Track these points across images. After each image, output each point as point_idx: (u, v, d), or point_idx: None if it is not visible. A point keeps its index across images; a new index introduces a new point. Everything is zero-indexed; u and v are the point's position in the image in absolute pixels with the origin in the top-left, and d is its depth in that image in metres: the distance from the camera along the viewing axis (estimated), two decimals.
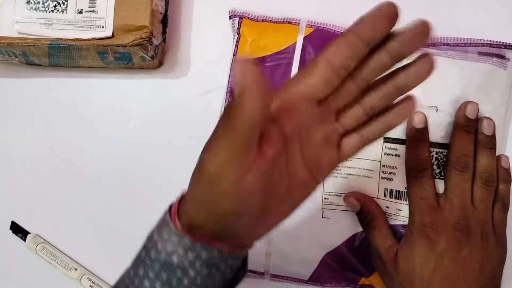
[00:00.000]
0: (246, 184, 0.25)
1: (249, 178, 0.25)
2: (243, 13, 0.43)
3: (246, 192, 0.26)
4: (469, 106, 0.38)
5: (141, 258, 0.30)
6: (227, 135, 0.25)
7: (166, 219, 0.29)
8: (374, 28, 0.27)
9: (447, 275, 0.35)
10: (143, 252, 0.30)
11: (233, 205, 0.26)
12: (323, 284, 0.42)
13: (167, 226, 0.29)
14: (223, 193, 0.26)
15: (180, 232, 0.28)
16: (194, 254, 0.28)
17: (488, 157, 0.37)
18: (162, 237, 0.28)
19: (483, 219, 0.37)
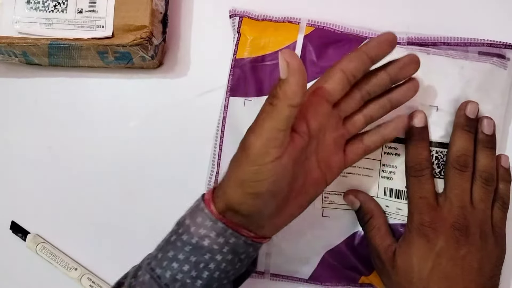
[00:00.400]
0: (281, 165, 0.30)
1: (284, 160, 0.30)
2: (244, 12, 0.43)
3: (281, 173, 0.30)
4: (469, 106, 0.38)
5: (170, 241, 0.33)
6: (271, 117, 0.30)
7: (200, 206, 0.33)
8: (379, 49, 0.34)
9: (446, 274, 0.35)
10: (174, 236, 0.33)
11: (269, 185, 0.30)
12: (323, 283, 0.42)
13: (201, 211, 0.32)
14: (264, 172, 0.30)
15: (214, 216, 0.32)
16: (224, 239, 0.32)
17: (488, 156, 0.38)
18: (195, 222, 0.32)
19: (482, 218, 0.37)
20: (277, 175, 0.30)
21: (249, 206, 0.31)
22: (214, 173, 0.42)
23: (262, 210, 0.32)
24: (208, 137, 0.44)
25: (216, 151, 0.42)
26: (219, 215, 0.32)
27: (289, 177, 0.31)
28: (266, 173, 0.30)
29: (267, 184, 0.30)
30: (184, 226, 0.33)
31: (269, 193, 0.31)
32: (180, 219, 0.34)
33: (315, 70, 0.41)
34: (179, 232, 0.33)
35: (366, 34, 0.42)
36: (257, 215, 0.32)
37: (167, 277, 0.32)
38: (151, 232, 0.45)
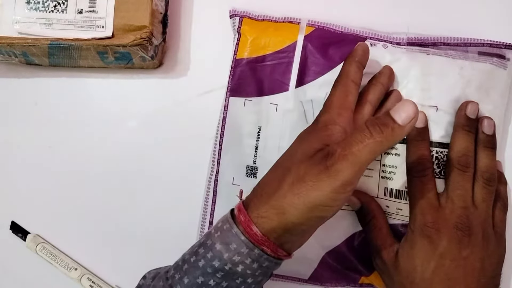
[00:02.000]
0: (348, 194, 0.31)
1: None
2: (244, 12, 0.43)
3: (343, 201, 0.31)
4: (470, 106, 0.38)
5: (198, 266, 0.32)
6: (373, 151, 0.30)
7: (233, 230, 0.31)
8: (362, 55, 0.37)
9: (448, 275, 0.35)
10: (202, 261, 0.32)
11: (335, 211, 0.31)
12: (323, 283, 0.42)
13: (235, 237, 0.31)
14: (341, 199, 0.31)
15: (252, 242, 0.31)
16: (258, 263, 0.31)
17: (488, 156, 0.38)
18: (228, 248, 0.31)
19: (484, 218, 0.37)
20: (341, 202, 0.31)
21: (309, 227, 0.32)
22: (214, 173, 0.42)
23: (314, 231, 0.33)
24: (208, 137, 0.44)
25: (216, 151, 0.42)
26: (262, 237, 0.31)
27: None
28: (342, 200, 0.31)
29: (336, 210, 0.31)
30: (214, 251, 0.31)
31: (326, 218, 0.32)
32: (207, 240, 0.32)
33: (315, 70, 0.41)
34: (208, 258, 0.31)
35: (366, 34, 0.42)
36: (307, 235, 0.33)
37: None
38: (151, 232, 0.45)
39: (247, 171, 0.41)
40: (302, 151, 0.32)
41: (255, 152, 0.41)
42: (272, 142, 0.41)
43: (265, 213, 0.31)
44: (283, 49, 0.41)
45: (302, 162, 0.31)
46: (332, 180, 0.30)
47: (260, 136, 0.41)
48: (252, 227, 0.31)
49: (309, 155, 0.31)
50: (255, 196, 0.32)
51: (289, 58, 0.41)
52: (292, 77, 0.41)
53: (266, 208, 0.31)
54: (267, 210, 0.31)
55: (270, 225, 0.31)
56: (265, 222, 0.31)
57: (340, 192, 0.30)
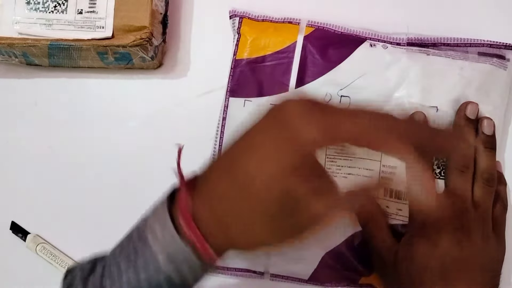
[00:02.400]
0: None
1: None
2: (244, 12, 0.43)
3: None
4: (469, 106, 0.38)
5: (140, 280, 0.28)
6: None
7: (193, 260, 0.27)
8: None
9: (448, 276, 0.35)
10: (142, 274, 0.28)
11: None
12: (323, 283, 0.42)
13: (183, 251, 0.27)
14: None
15: (206, 264, 0.28)
16: (193, 269, 0.28)
17: (488, 157, 0.38)
18: (175, 261, 0.28)
19: (484, 219, 0.37)
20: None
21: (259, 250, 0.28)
22: None
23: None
24: (208, 137, 0.44)
25: (216, 152, 0.42)
26: (214, 256, 0.27)
27: None
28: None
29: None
30: (168, 278, 0.28)
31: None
32: (144, 247, 0.28)
33: (315, 71, 0.41)
34: (150, 271, 0.28)
35: (366, 35, 0.42)
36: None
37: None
38: None
39: None
40: (269, 175, 0.25)
41: None
42: None
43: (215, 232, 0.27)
44: (283, 50, 0.41)
45: (264, 200, 0.25)
46: (295, 239, 0.27)
47: None
48: (209, 251, 0.27)
49: (274, 193, 0.25)
50: (206, 210, 0.27)
51: (289, 59, 0.41)
52: (292, 77, 0.41)
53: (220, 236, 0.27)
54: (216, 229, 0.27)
55: (218, 247, 0.28)
56: (215, 244, 0.27)
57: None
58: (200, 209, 0.27)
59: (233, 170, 0.26)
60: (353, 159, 0.40)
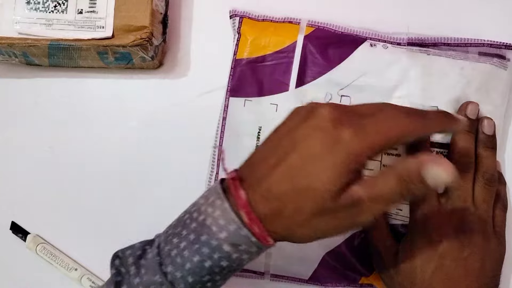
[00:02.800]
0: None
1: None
2: (244, 12, 0.43)
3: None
4: (470, 106, 0.38)
5: (204, 266, 0.31)
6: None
7: (243, 232, 0.30)
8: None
9: (449, 275, 0.35)
10: (207, 262, 0.31)
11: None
12: (323, 283, 0.42)
13: (245, 239, 0.30)
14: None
15: (263, 245, 0.30)
16: (251, 256, 0.31)
17: (489, 157, 0.38)
18: (238, 249, 0.30)
19: (484, 219, 0.37)
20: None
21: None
22: (214, 173, 0.42)
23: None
24: (208, 137, 0.44)
25: (216, 152, 0.42)
26: (267, 237, 0.30)
27: None
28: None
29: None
30: (222, 252, 0.30)
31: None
32: (211, 239, 0.30)
33: (315, 70, 0.41)
34: (215, 258, 0.31)
35: (366, 35, 0.42)
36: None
37: (178, 278, 0.31)
38: (151, 233, 0.45)
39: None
40: (324, 170, 0.29)
41: None
42: None
43: (272, 225, 0.30)
44: (283, 49, 0.41)
45: (324, 197, 0.28)
46: (351, 227, 0.30)
47: (260, 136, 0.41)
48: (264, 234, 0.30)
49: (332, 188, 0.28)
50: (257, 192, 0.30)
51: (289, 58, 0.41)
52: (292, 77, 0.41)
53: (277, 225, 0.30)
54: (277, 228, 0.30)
55: (274, 235, 0.30)
56: (272, 233, 0.30)
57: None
58: (259, 206, 0.30)
59: (293, 175, 0.29)
60: None
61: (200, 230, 0.31)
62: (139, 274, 0.32)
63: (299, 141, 0.30)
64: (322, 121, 0.30)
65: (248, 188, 0.30)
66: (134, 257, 0.34)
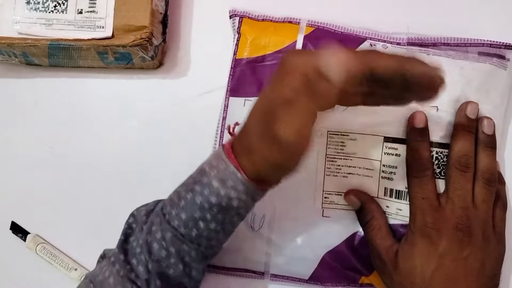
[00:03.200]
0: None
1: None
2: (244, 12, 0.43)
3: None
4: (470, 106, 0.38)
5: (195, 202, 0.34)
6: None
7: (229, 169, 0.33)
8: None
9: (448, 275, 0.35)
10: (199, 197, 0.34)
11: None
12: (323, 283, 0.42)
13: (232, 175, 0.33)
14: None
15: (247, 181, 0.32)
16: (250, 196, 0.33)
17: (489, 156, 0.38)
18: (225, 185, 0.33)
19: (484, 219, 0.37)
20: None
21: (282, 179, 0.34)
22: None
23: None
24: (208, 137, 0.44)
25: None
26: (251, 180, 0.33)
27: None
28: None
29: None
30: (212, 188, 0.33)
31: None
32: (203, 177, 0.34)
33: None
34: (205, 194, 0.33)
35: (366, 35, 0.42)
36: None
37: (193, 236, 0.34)
38: None
39: None
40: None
41: None
42: None
43: (244, 161, 0.33)
44: (283, 49, 0.41)
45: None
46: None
47: None
48: (242, 171, 0.33)
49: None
50: (240, 144, 0.34)
51: None
52: None
53: (244, 153, 0.33)
54: (245, 158, 0.33)
55: (252, 175, 0.33)
56: (248, 171, 0.33)
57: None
58: (236, 147, 0.33)
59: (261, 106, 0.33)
60: (353, 159, 0.40)
61: (197, 175, 0.35)
62: (146, 221, 0.37)
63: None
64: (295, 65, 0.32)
65: (234, 139, 0.34)
66: (147, 211, 0.38)
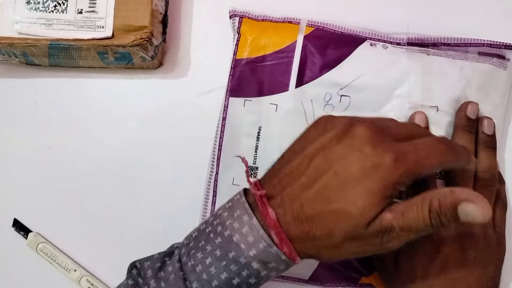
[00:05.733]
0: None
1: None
2: (243, 12, 0.43)
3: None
4: (470, 106, 0.38)
5: (232, 284, 0.30)
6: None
7: (273, 250, 0.29)
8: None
9: (450, 275, 0.35)
10: (236, 279, 0.30)
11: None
12: (323, 283, 0.42)
13: (276, 256, 0.29)
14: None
15: (293, 263, 0.30)
16: (278, 272, 0.31)
17: (489, 156, 0.38)
18: (267, 266, 0.30)
19: None
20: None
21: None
22: (214, 173, 0.42)
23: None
24: (208, 137, 0.44)
25: (216, 151, 0.42)
26: (294, 255, 0.30)
27: None
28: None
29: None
30: (248, 266, 0.30)
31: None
32: (237, 253, 0.30)
33: (315, 70, 0.41)
34: (243, 276, 0.30)
35: (366, 35, 0.42)
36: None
37: None
38: (151, 233, 0.45)
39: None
40: (360, 195, 0.28)
41: (255, 153, 0.41)
42: (272, 142, 0.41)
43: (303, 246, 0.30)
44: (283, 49, 0.41)
45: (358, 223, 0.28)
46: (378, 252, 0.30)
47: (260, 136, 0.41)
48: (292, 250, 0.29)
49: (367, 215, 0.28)
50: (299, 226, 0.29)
51: (289, 58, 0.41)
52: (292, 77, 0.41)
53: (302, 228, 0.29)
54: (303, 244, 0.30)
55: (304, 254, 0.30)
56: (301, 252, 0.30)
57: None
58: (290, 227, 0.29)
59: (327, 196, 0.28)
60: None
61: (227, 246, 0.30)
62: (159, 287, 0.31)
63: (335, 161, 0.29)
64: (360, 142, 0.28)
65: (278, 207, 0.29)
66: (153, 270, 0.33)
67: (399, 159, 0.28)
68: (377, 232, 0.28)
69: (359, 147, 0.28)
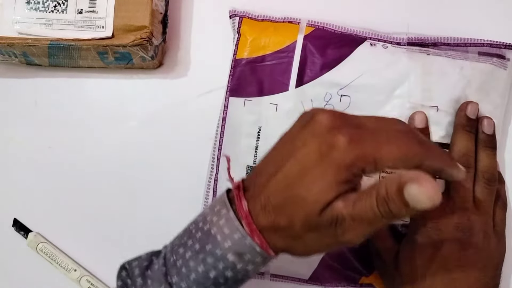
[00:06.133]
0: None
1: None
2: (243, 12, 0.43)
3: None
4: (470, 106, 0.38)
5: (209, 276, 0.30)
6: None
7: (247, 242, 0.29)
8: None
9: (450, 275, 0.35)
10: (212, 271, 0.30)
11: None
12: (323, 283, 0.42)
13: (250, 248, 0.29)
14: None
15: (269, 256, 0.30)
16: (267, 262, 0.30)
17: (489, 156, 0.38)
18: (243, 259, 0.29)
19: (485, 219, 0.37)
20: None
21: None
22: (214, 173, 0.42)
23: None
24: (208, 137, 0.44)
25: (216, 151, 0.42)
26: (266, 247, 0.29)
27: None
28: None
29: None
30: (227, 262, 0.30)
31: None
32: (215, 249, 0.30)
33: (315, 70, 0.41)
34: (220, 268, 0.30)
35: (366, 34, 0.42)
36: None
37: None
38: (151, 233, 0.45)
39: (247, 171, 0.41)
40: (314, 180, 0.27)
41: (255, 152, 0.41)
42: (272, 142, 0.40)
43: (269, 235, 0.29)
44: (283, 49, 0.41)
45: (312, 210, 0.27)
46: (338, 245, 0.29)
47: (260, 136, 0.41)
48: (268, 249, 0.29)
49: (320, 200, 0.27)
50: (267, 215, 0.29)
51: (289, 58, 0.41)
52: (292, 77, 0.41)
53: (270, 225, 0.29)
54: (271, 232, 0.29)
55: (278, 247, 0.30)
56: (271, 241, 0.29)
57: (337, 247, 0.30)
58: (259, 217, 0.29)
59: (288, 184, 0.28)
60: None
61: (205, 239, 0.30)
62: (145, 285, 0.31)
63: (297, 148, 0.28)
64: (319, 127, 0.28)
65: (250, 198, 0.29)
66: (140, 269, 0.33)
67: (353, 141, 0.27)
68: (330, 221, 0.27)
69: (318, 133, 0.28)
